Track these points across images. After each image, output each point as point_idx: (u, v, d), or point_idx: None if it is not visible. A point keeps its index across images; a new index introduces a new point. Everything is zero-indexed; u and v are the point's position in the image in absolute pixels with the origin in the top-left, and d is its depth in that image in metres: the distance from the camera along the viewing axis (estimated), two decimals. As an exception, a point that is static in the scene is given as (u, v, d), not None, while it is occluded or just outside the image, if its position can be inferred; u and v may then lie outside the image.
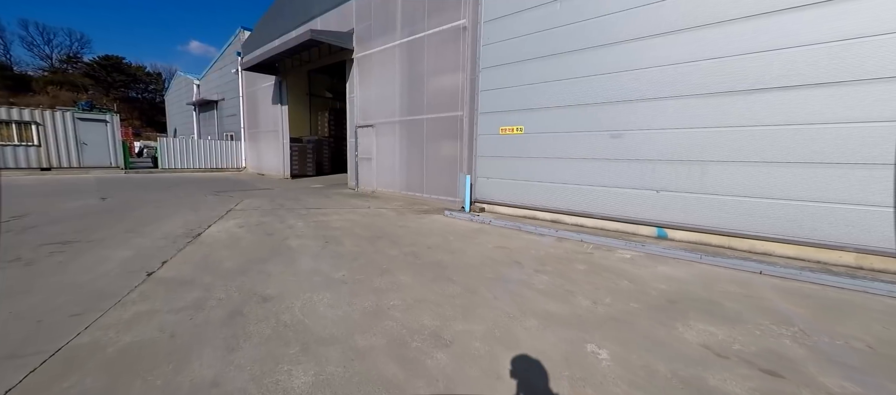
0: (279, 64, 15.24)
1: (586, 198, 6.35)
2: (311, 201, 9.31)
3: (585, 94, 6.21)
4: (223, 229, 5.88)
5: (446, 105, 8.77)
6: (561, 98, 6.53)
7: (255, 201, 8.93)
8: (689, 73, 5.19)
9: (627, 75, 5.75)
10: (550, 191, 6.82)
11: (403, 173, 10.15)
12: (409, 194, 9.95)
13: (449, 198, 8.87)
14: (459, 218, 7.23)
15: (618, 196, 6.00)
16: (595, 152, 6.19)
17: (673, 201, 5.47)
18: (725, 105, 4.93)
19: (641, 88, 5.64)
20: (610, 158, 6.03)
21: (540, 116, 6.86)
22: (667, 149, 5.47)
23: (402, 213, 7.78)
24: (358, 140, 11.70)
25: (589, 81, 6.17)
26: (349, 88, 11.93)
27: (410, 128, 9.80)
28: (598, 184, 6.19)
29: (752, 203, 4.80)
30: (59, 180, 12.23)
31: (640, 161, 5.74)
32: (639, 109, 5.69)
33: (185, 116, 28.26)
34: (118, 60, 56.27)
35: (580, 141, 6.34)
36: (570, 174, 6.52)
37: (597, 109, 6.11)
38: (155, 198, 9.03)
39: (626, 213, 5.93)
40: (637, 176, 5.78)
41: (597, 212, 6.25)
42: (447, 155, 8.89)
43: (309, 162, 17.49)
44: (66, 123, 14.26)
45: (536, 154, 6.97)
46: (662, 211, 5.58)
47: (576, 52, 6.30)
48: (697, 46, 5.11)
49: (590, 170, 6.27)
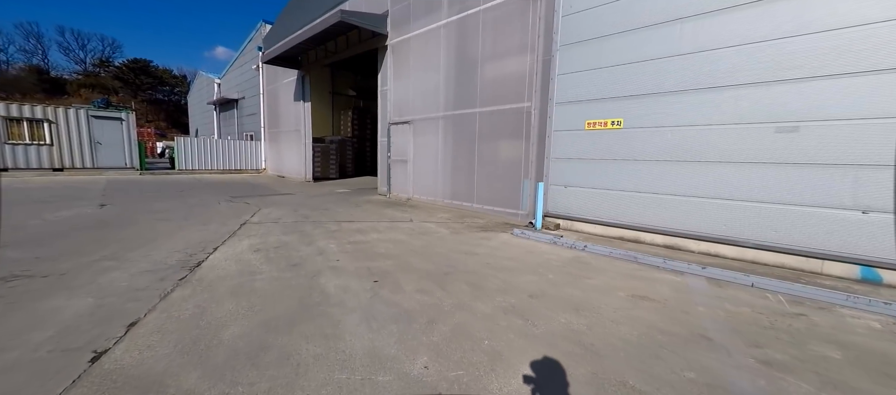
0: (302, 57, 13.94)
1: (731, 218, 4.52)
2: (341, 210, 7.80)
3: (734, 69, 4.40)
4: (233, 254, 4.38)
5: (507, 95, 7.09)
6: (690, 77, 4.74)
7: (275, 211, 7.48)
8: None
9: (809, 40, 3.93)
10: (668, 206, 5.03)
11: (447, 179, 8.52)
12: (455, 204, 8.30)
13: (508, 210, 7.17)
14: (537, 240, 5.52)
15: (786, 217, 4.15)
16: (747, 153, 4.36)
17: (890, 226, 3.60)
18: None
19: (831, 58, 3.81)
20: (773, 161, 4.20)
21: (651, 105, 5.09)
22: (876, 148, 3.62)
23: (455, 230, 6.13)
24: (391, 139, 10.16)
25: (738, 53, 4.37)
26: (381, 79, 10.43)
27: (458, 124, 8.17)
28: (752, 198, 4.36)
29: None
30: (66, 183, 11.22)
31: (828, 166, 3.89)
32: (828, 88, 3.85)
33: (206, 116, 27.66)
34: (145, 64, 57.51)
35: (721, 138, 4.52)
36: (702, 184, 4.71)
37: (752, 91, 4.30)
38: (161, 206, 7.71)
39: (800, 241, 4.08)
40: (823, 188, 3.93)
41: (746, 238, 4.42)
42: (507, 157, 7.19)
43: (332, 164, 16.17)
44: (80, 121, 13.36)
45: (645, 155, 5.19)
46: (871, 241, 3.72)
47: (714, 14, 4.51)
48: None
49: (738, 178, 4.44)
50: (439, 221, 6.94)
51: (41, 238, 4.82)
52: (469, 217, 7.34)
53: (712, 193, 4.63)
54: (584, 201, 5.95)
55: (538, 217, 6.20)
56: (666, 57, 4.94)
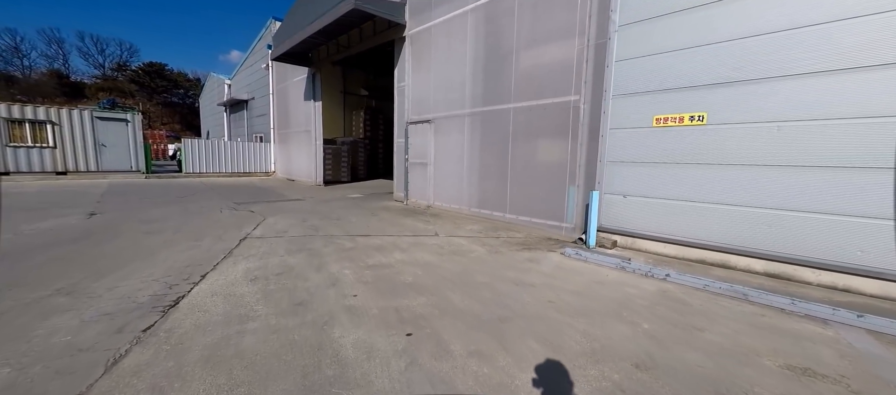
0: (313, 53, 13.15)
1: (870, 241, 3.41)
2: (355, 220, 6.87)
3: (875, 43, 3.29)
4: (223, 285, 3.46)
5: (548, 88, 6.06)
6: (808, 57, 3.64)
7: (282, 221, 6.59)
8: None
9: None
10: (774, 224, 3.91)
11: (474, 185, 7.51)
12: (484, 214, 7.28)
13: (549, 223, 6.12)
14: (598, 264, 4.45)
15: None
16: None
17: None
18: None
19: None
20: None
21: (748, 94, 4.00)
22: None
23: (492, 248, 5.12)
24: (409, 140, 9.21)
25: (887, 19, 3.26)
26: (398, 75, 9.50)
27: (487, 122, 7.16)
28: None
29: None
30: (65, 187, 10.60)
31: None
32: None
33: (217, 117, 27.29)
34: (161, 67, 58.23)
35: (865, 135, 3.42)
36: (831, 196, 3.60)
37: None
38: (156, 215, 6.91)
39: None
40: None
41: (891, 269, 3.30)
42: (548, 160, 6.15)
43: (343, 166, 15.33)
44: (84, 122, 12.82)
45: (740, 158, 4.09)
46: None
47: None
48: None
49: (881, 189, 3.33)
50: (470, 234, 5.94)
51: (5, 256, 4.00)
52: (503, 230, 6.32)
53: (844, 207, 3.52)
54: (651, 215, 4.86)
55: (591, 233, 5.14)
56: (768, 33, 3.84)
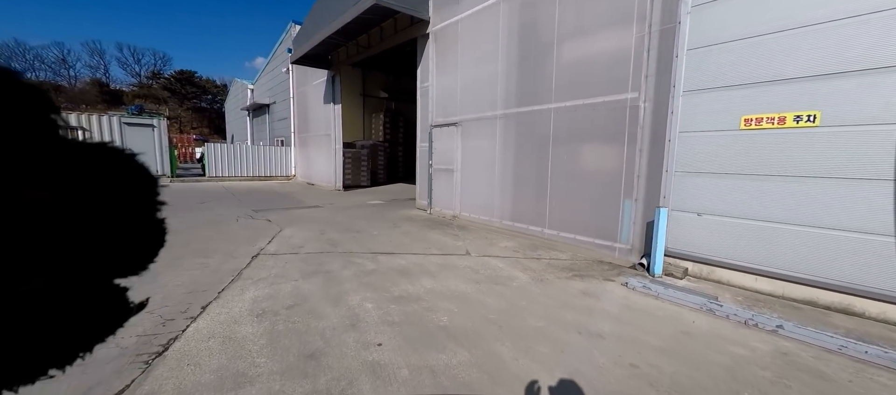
0: (332, 55, 12.77)
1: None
2: (376, 233, 6.26)
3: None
4: (224, 324, 2.88)
5: (598, 84, 5.25)
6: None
7: (298, 234, 6.06)
8: None
9: None
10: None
11: (507, 195, 6.76)
12: (518, 228, 6.51)
13: (599, 242, 5.29)
14: (676, 301, 3.61)
15: None
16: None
17: None
18: None
19: None
20: None
21: (887, 86, 3.08)
22: None
23: (535, 274, 4.36)
24: (433, 144, 8.56)
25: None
26: (421, 75, 8.88)
27: (522, 125, 6.40)
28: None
29: None
30: (91, 193, 10.60)
31: None
32: None
33: (240, 122, 27.71)
34: (190, 75, 60.61)
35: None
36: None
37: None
38: (171, 225, 6.49)
39: None
40: None
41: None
42: (597, 168, 5.34)
43: (363, 171, 14.90)
44: (113, 128, 12.94)
45: (877, 171, 3.17)
46: None
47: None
48: None
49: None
50: (505, 254, 5.20)
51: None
52: (543, 249, 5.54)
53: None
54: (736, 239, 3.97)
55: (657, 259, 4.29)
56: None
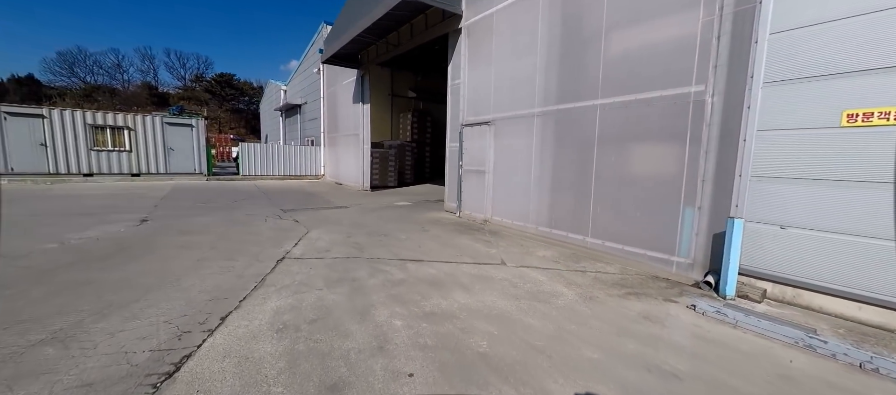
0: (362, 54, 12.70)
1: None
2: (404, 238, 5.96)
3: None
4: (242, 340, 2.64)
5: (654, 77, 4.65)
6: None
7: (325, 236, 5.88)
8: None
9: None
10: None
11: (544, 199, 6.25)
12: (556, 235, 5.99)
13: (652, 254, 4.69)
14: (761, 333, 3.00)
15: None
16: None
17: None
18: None
19: None
20: None
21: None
22: None
23: (582, 289, 3.87)
24: (464, 144, 8.18)
25: None
26: (452, 72, 8.52)
27: (563, 123, 5.88)
28: None
29: None
30: (132, 189, 11.09)
31: None
32: None
33: (274, 122, 28.63)
34: (230, 77, 63.86)
35: None
36: None
37: None
38: (200, 223, 6.57)
39: None
40: None
41: None
42: (651, 171, 4.74)
43: (390, 171, 14.77)
44: (156, 128, 13.56)
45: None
46: None
47: None
48: None
49: None
50: (544, 264, 4.72)
51: (18, 279, 3.60)
52: (586, 260, 5.01)
53: None
54: (833, 258, 3.29)
55: (729, 277, 3.67)
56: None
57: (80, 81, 57.47)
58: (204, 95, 61.03)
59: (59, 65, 55.93)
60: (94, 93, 53.75)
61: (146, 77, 62.30)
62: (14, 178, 11.20)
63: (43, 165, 11.64)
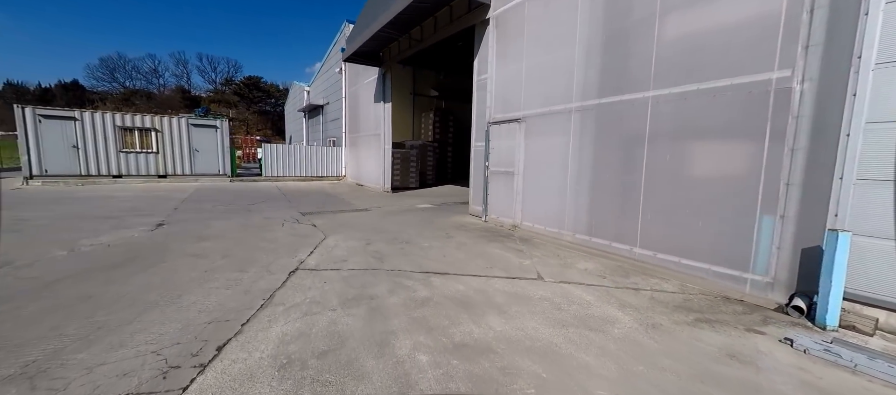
0: (383, 51, 12.35)
1: None
2: (427, 245, 5.48)
3: None
4: (239, 375, 2.23)
5: (722, 62, 3.94)
6: None
7: (343, 244, 5.48)
8: None
9: None
10: None
11: (583, 203, 5.60)
12: (598, 245, 5.33)
13: (720, 270, 3.97)
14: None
15: None
16: None
17: None
18: None
19: None
20: None
21: None
22: None
23: (640, 314, 3.24)
24: (491, 144, 7.62)
25: None
26: (478, 66, 7.97)
27: (606, 119, 5.22)
28: None
29: None
30: (156, 191, 11.20)
31: None
32: None
33: (297, 123, 28.97)
34: (257, 80, 65.82)
35: None
36: None
37: None
38: (216, 229, 6.34)
39: None
40: None
41: None
42: (717, 173, 4.03)
43: (411, 172, 14.36)
44: (182, 129, 13.75)
45: None
46: None
47: None
48: None
49: None
50: (588, 279, 4.10)
51: (16, 292, 3.36)
52: (636, 274, 4.35)
53: None
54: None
55: (831, 303, 2.95)
56: None
57: (120, 85, 60.82)
58: (233, 98, 63.12)
59: (101, 70, 59.43)
60: (132, 97, 56.73)
61: (180, 81, 65.19)
62: (48, 179, 11.58)
63: (75, 167, 11.99)
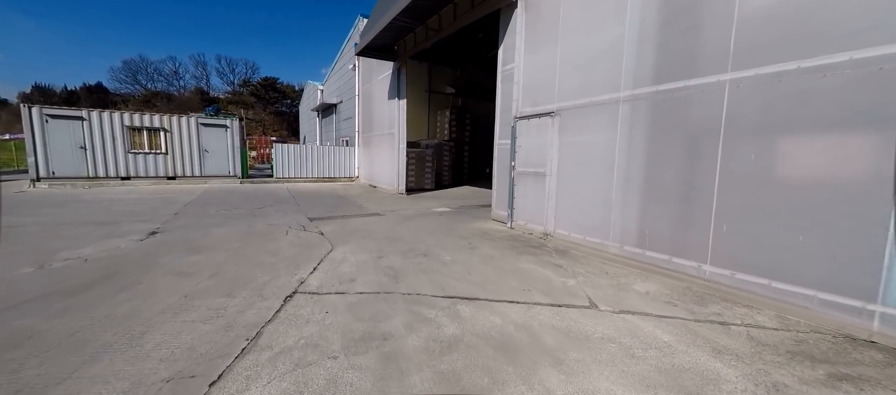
0: (399, 45, 11.64)
1: None
2: (449, 258, 4.69)
3: None
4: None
5: (828, 35, 3.00)
6: None
7: (352, 258, 4.75)
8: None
9: None
10: None
11: (631, 210, 4.69)
12: (653, 259, 4.41)
13: (830, 298, 3.03)
14: None
15: None
16: None
17: None
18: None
19: None
20: None
21: None
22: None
23: (748, 366, 2.35)
24: (517, 141, 6.77)
25: None
26: (504, 55, 7.14)
27: (664, 109, 4.30)
28: None
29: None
30: (162, 193, 10.79)
31: None
32: None
33: (311, 123, 28.70)
34: (273, 81, 66.59)
35: None
36: None
37: None
38: (213, 239, 5.71)
39: None
40: None
41: None
42: (821, 174, 3.07)
43: (427, 172, 13.64)
44: (191, 129, 13.39)
45: None
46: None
47: None
48: None
49: None
50: (654, 307, 3.23)
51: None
52: (714, 300, 3.44)
53: None
54: None
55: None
56: None
57: (142, 87, 62.41)
58: (250, 99, 63.98)
59: (124, 73, 61.11)
60: (153, 98, 58.13)
61: (199, 83, 66.50)
62: (55, 182, 11.34)
63: (83, 168, 11.72)
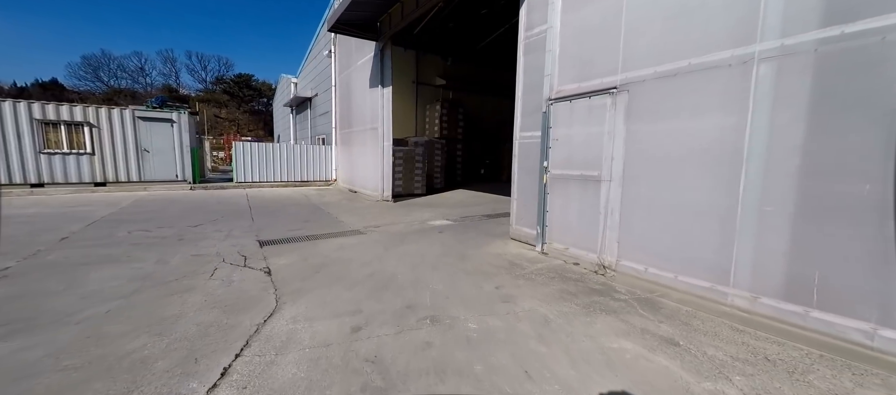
0: (382, 19, 9.51)
1: None
2: (475, 326, 2.68)
3: None
4: None
5: None
6: None
7: (305, 334, 2.67)
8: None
9: None
10: None
11: (777, 240, 2.76)
12: (827, 323, 2.49)
13: None
14: None
15: None
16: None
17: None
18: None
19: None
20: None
21: None
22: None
23: None
24: (552, 132, 4.82)
25: None
26: (527, 16, 5.17)
27: (841, 70, 2.35)
28: None
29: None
30: (75, 205, 8.32)
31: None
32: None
33: (285, 120, 26.10)
34: (248, 78, 62.95)
35: None
36: None
37: None
38: (83, 290, 3.51)
39: None
40: None
41: None
42: None
43: (417, 175, 11.57)
44: (125, 124, 10.85)
45: None
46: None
47: None
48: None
49: None
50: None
51: None
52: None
53: None
54: None
55: None
56: None
57: (104, 84, 57.60)
58: (223, 97, 60.18)
59: (83, 69, 56.15)
60: (116, 96, 53.54)
61: (168, 80, 62.19)
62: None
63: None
